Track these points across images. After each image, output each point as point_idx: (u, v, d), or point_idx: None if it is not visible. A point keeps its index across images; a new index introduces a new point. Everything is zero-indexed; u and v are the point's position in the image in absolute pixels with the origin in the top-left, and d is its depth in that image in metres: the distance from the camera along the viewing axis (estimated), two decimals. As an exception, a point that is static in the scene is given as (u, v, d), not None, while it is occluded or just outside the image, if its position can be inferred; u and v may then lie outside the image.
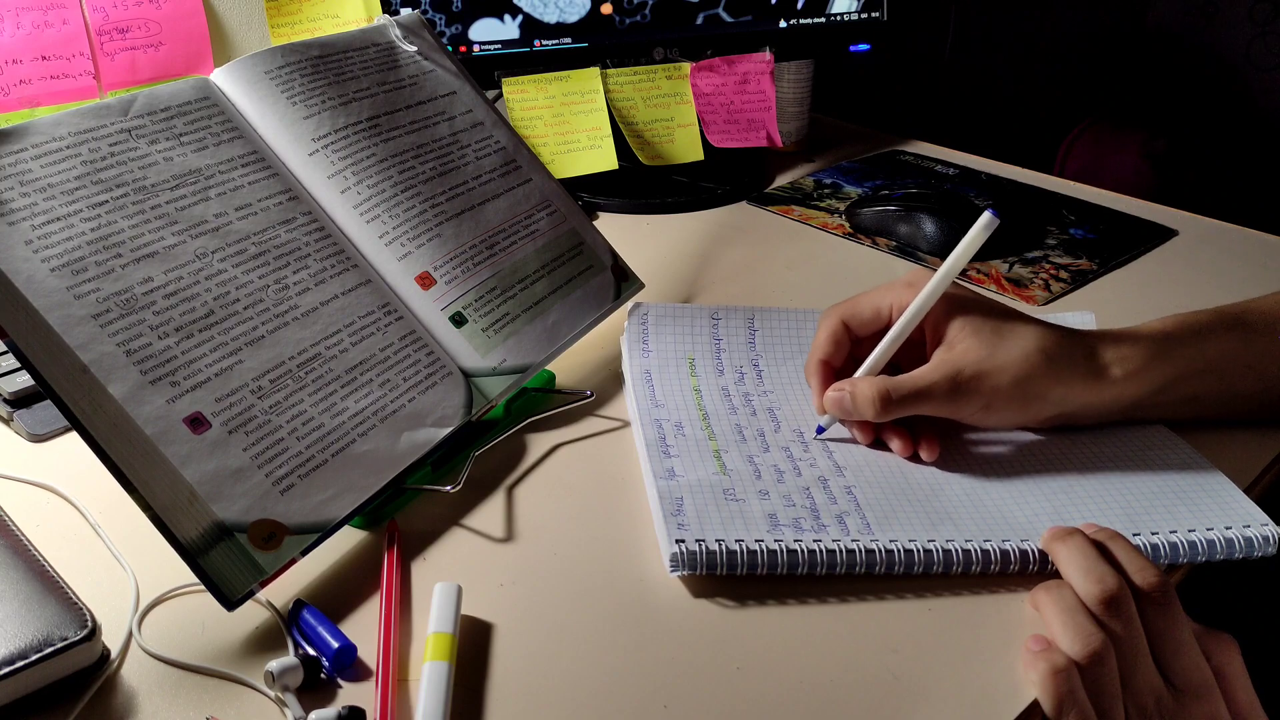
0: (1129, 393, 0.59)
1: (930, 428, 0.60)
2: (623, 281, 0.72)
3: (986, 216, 0.57)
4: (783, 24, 1.00)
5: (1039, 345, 0.57)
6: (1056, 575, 0.50)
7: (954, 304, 0.59)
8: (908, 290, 0.59)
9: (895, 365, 0.60)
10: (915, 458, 0.59)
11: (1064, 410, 0.59)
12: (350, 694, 0.45)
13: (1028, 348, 0.57)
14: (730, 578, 0.51)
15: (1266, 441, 0.63)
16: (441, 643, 0.46)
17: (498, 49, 0.92)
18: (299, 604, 0.49)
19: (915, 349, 0.60)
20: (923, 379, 0.57)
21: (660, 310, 0.69)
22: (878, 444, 0.60)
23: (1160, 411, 0.61)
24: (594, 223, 0.76)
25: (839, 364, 0.61)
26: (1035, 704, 0.45)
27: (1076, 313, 0.70)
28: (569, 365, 0.69)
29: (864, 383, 0.58)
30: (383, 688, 0.44)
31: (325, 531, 0.50)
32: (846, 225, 0.94)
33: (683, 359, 0.67)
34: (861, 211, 0.92)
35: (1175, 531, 0.53)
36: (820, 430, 0.61)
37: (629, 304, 0.70)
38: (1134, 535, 0.53)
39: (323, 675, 0.46)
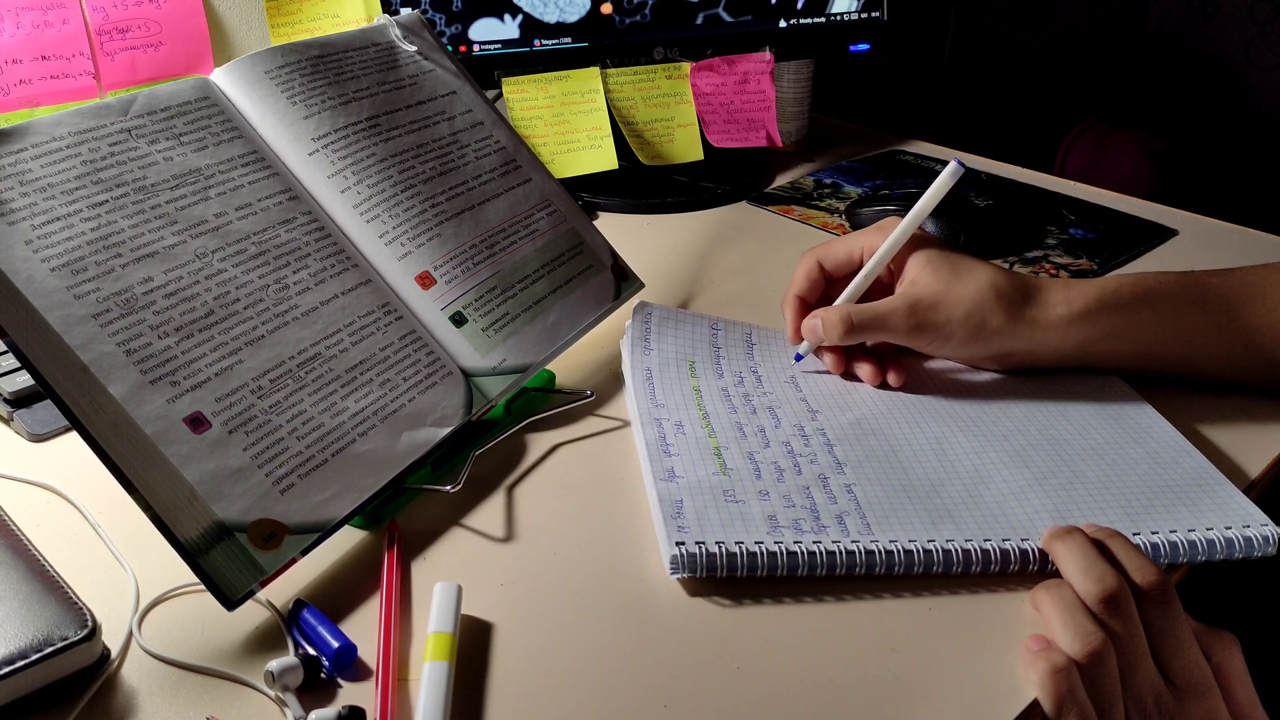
0: (1073, 334, 0.63)
1: (898, 359, 0.66)
2: (623, 281, 0.72)
3: (953, 165, 0.64)
4: (783, 24, 1.00)
5: (991, 282, 0.62)
6: (1056, 574, 0.50)
7: (918, 246, 0.65)
8: (878, 235, 0.66)
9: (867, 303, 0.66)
10: (884, 385, 0.65)
11: (1013, 347, 0.63)
12: (350, 694, 0.46)
13: (981, 284, 0.62)
14: (731, 578, 0.51)
15: (1267, 442, 0.63)
16: (441, 642, 0.46)
17: (498, 49, 0.92)
18: (299, 604, 0.49)
19: (885, 289, 0.66)
20: (884, 306, 0.63)
21: (664, 313, 0.70)
22: (849, 376, 0.67)
23: (1120, 360, 0.65)
24: (594, 223, 0.76)
25: (812, 300, 0.68)
26: (1035, 703, 0.45)
27: None
28: (569, 365, 0.69)
29: (832, 310, 0.64)
30: (383, 688, 0.44)
31: (325, 531, 0.50)
32: (846, 225, 0.94)
33: (683, 361, 0.67)
34: (861, 211, 0.92)
35: (1175, 531, 0.53)
36: (799, 358, 0.67)
37: (633, 303, 0.70)
38: (1134, 534, 0.53)
39: (323, 675, 0.46)
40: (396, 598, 0.50)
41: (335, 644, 0.46)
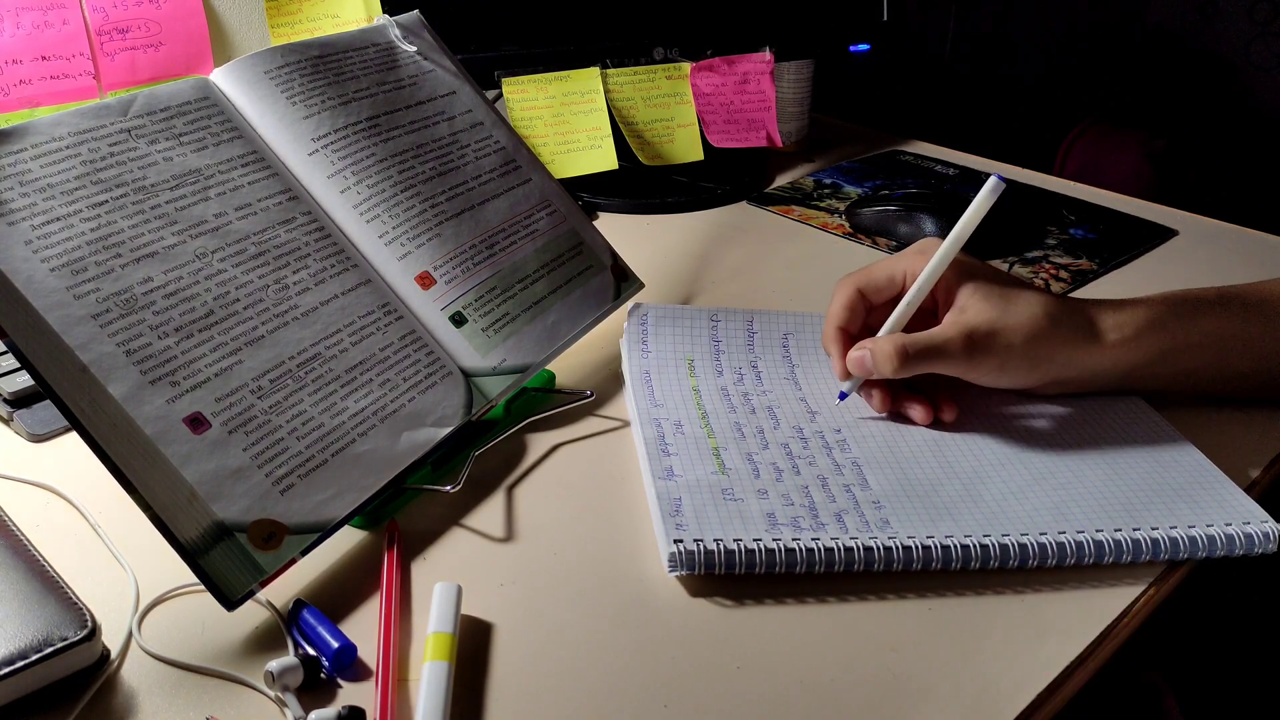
0: (1124, 359, 0.61)
1: (947, 393, 0.62)
2: (622, 281, 0.72)
3: (993, 180, 0.59)
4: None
5: (1044, 309, 0.59)
6: (1057, 571, 0.50)
7: (963, 270, 0.61)
8: (919, 257, 0.62)
9: (907, 332, 0.62)
10: (938, 423, 0.62)
11: (1066, 374, 0.61)
12: (350, 694, 0.45)
13: (1035, 311, 0.59)
14: (730, 577, 0.51)
15: (1267, 440, 0.63)
16: (441, 643, 0.46)
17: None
18: (299, 604, 0.49)
19: (926, 317, 0.62)
20: (938, 336, 0.59)
21: (660, 311, 0.69)
22: (893, 415, 0.62)
23: (1158, 382, 0.63)
24: (594, 223, 0.76)
25: (855, 330, 0.64)
26: (1035, 703, 0.45)
27: None
28: (569, 365, 0.69)
29: (883, 340, 0.60)
30: (383, 688, 0.44)
31: (325, 531, 0.50)
32: (846, 225, 0.94)
33: (682, 360, 0.67)
34: (861, 211, 0.92)
35: (1175, 527, 0.53)
36: (843, 396, 0.63)
37: (629, 304, 0.70)
38: (1134, 530, 0.53)
39: (323, 675, 0.46)
40: (396, 598, 0.50)
41: (335, 644, 0.46)
